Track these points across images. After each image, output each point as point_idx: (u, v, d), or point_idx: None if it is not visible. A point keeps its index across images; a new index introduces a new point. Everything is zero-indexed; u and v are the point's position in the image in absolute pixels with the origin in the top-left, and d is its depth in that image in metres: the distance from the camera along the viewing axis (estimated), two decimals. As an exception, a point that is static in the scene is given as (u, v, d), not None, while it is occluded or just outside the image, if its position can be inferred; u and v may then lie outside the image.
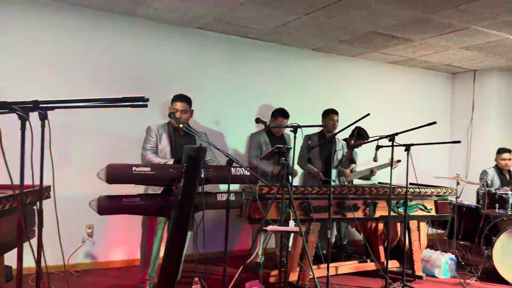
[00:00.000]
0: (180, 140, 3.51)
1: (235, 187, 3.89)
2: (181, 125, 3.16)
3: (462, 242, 4.87)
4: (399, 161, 4.33)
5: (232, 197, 3.25)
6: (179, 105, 3.48)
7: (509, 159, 5.06)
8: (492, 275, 4.20)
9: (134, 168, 2.83)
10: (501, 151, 5.12)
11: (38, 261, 1.88)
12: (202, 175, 3.01)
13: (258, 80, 5.07)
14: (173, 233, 2.85)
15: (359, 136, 4.66)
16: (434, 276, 4.35)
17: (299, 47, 5.29)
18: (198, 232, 3.05)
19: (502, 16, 3.84)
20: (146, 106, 1.93)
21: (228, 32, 4.76)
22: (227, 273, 2.95)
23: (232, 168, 3.10)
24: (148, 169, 2.89)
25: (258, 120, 4.00)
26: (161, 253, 3.48)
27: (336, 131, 4.11)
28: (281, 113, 4.28)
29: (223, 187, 3.31)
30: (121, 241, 4.31)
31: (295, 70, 5.32)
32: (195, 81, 4.69)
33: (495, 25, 4.11)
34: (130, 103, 1.91)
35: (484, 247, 4.43)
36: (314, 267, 3.56)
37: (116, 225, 4.23)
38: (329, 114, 4.53)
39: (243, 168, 3.20)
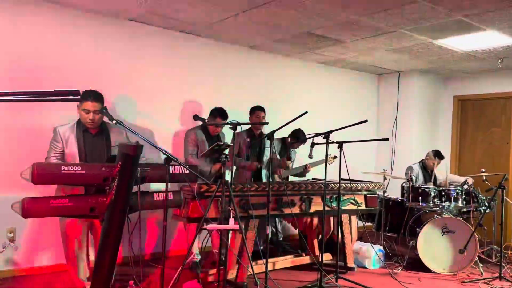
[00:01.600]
0: (91, 141, 3.21)
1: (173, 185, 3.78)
2: (113, 121, 2.97)
3: (389, 234, 5.16)
4: (335, 157, 4.48)
5: (170, 197, 3.16)
6: (90, 105, 3.09)
7: (438, 164, 5.41)
8: (417, 264, 4.50)
9: (63, 167, 2.64)
10: (438, 155, 5.37)
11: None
12: (138, 174, 2.89)
13: (193, 76, 4.96)
14: (107, 235, 2.71)
15: (296, 138, 4.80)
16: (364, 267, 4.57)
17: (236, 44, 5.27)
18: (134, 233, 2.91)
19: (425, 21, 4.11)
20: (78, 100, 1.81)
21: (162, 25, 4.61)
22: (165, 274, 2.86)
23: (170, 166, 3.01)
24: (78, 168, 2.70)
25: (196, 117, 3.92)
26: (91, 256, 3.32)
27: (266, 128, 4.16)
28: (220, 114, 4.21)
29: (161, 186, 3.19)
30: (47, 245, 4.00)
31: (232, 67, 5.30)
32: (126, 75, 4.47)
33: (419, 29, 4.39)
34: (61, 97, 1.76)
35: (409, 238, 4.74)
36: (253, 263, 3.57)
37: (41, 229, 3.93)
38: (255, 112, 4.57)
39: (181, 166, 3.12)
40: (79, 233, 3.20)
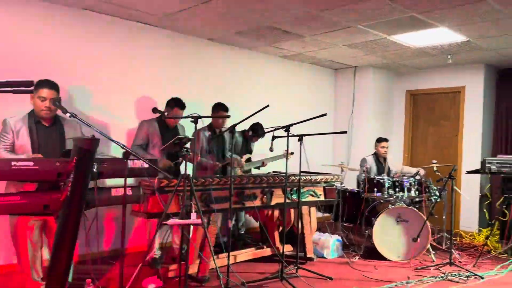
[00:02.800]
0: (44, 133, 3.10)
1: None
2: (68, 114, 2.84)
3: (346, 224, 5.32)
4: (292, 153, 4.53)
5: (129, 192, 3.07)
6: (46, 93, 3.03)
7: (387, 147, 5.64)
8: (373, 252, 4.66)
9: (13, 163, 2.49)
10: (380, 140, 5.67)
11: None
12: (95, 169, 2.78)
13: (151, 68, 4.84)
14: (62, 233, 2.59)
15: (255, 132, 4.82)
16: (323, 257, 4.68)
17: (196, 36, 5.18)
18: (91, 230, 2.81)
19: (381, 17, 4.23)
20: (31, 92, 1.72)
21: (119, 15, 4.45)
22: (124, 271, 2.79)
23: (129, 161, 2.92)
24: (30, 163, 2.55)
25: (155, 110, 3.83)
26: (44, 256, 3.17)
27: (228, 125, 4.13)
28: (177, 104, 4.14)
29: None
30: (-5, 246, 3.79)
31: (192, 59, 5.21)
32: (81, 66, 4.29)
33: (375, 26, 4.51)
34: (13, 88, 1.66)
35: (365, 228, 4.89)
36: (214, 257, 3.55)
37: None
38: (219, 111, 4.52)
39: (140, 161, 3.03)
40: (31, 233, 3.05)
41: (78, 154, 2.59)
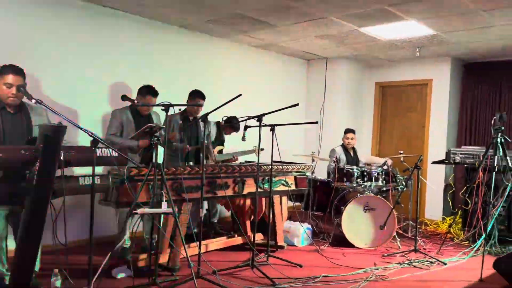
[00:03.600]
0: (10, 120, 2.99)
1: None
2: (33, 100, 2.75)
3: (316, 213, 5.41)
4: (262, 149, 4.54)
5: (97, 181, 3.01)
6: (12, 79, 2.91)
7: (352, 139, 5.74)
8: (342, 240, 4.77)
9: (-25, 151, 2.40)
10: (346, 131, 5.77)
11: None
12: (62, 157, 2.72)
13: (120, 55, 4.72)
14: (28, 223, 2.53)
15: (231, 127, 4.82)
16: (293, 245, 4.75)
17: (166, 23, 5.09)
18: (58, 220, 2.75)
19: (353, 9, 4.28)
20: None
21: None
22: (93, 261, 2.75)
23: (97, 149, 2.86)
24: (-6, 151, 2.48)
25: (124, 98, 3.75)
26: (10, 246, 3.08)
27: (202, 113, 4.11)
28: (149, 91, 4.08)
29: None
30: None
31: (162, 47, 5.12)
32: (44, 53, 4.14)
33: (347, 17, 4.56)
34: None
35: (334, 216, 4.99)
36: (186, 246, 3.54)
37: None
38: (195, 98, 4.48)
39: (109, 149, 2.98)
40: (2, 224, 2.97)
41: (44, 142, 2.53)
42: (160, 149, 3.08)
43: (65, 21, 4.25)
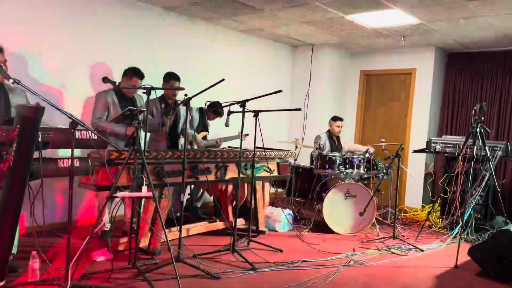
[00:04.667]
0: None
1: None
2: (11, 80, 2.69)
3: (298, 199, 5.46)
4: (247, 134, 4.54)
5: (77, 163, 2.98)
6: None
7: (341, 126, 5.77)
8: (322, 226, 4.84)
9: (-51, 131, 2.35)
10: (336, 118, 5.79)
11: None
12: (40, 139, 2.68)
13: (104, 36, 4.63)
14: (5, 205, 2.50)
15: (215, 112, 4.80)
16: (275, 231, 4.80)
17: (149, 4, 4.99)
18: (36, 202, 2.71)
19: (339, -4, 4.27)
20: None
21: (68, -23, 4.21)
22: (72, 244, 2.73)
23: (76, 131, 2.82)
24: (-32, 131, 2.42)
25: (105, 80, 3.68)
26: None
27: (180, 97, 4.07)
28: (135, 73, 4.02)
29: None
30: None
31: (146, 28, 5.02)
32: (29, 33, 4.04)
33: (333, 4, 4.54)
34: None
35: (316, 203, 5.04)
36: (166, 230, 3.55)
37: None
38: (170, 81, 4.43)
39: (89, 131, 2.94)
40: None
41: (22, 123, 2.49)
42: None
43: (46, 3, 4.14)
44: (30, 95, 3.08)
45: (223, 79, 3.31)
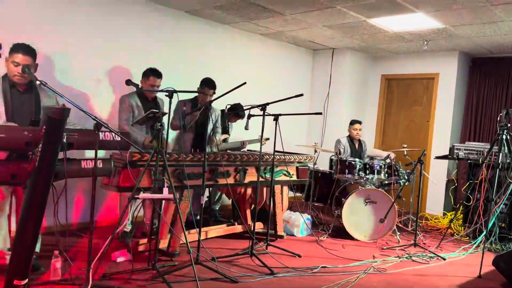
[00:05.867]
0: (19, 98, 2.99)
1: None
2: (37, 82, 2.74)
3: (316, 204, 5.41)
4: (267, 139, 4.52)
5: (100, 165, 3.02)
6: (20, 58, 2.90)
7: (360, 130, 5.72)
8: (341, 232, 4.78)
9: (-22, 131, 2.41)
10: (353, 122, 5.74)
11: None
12: (65, 140, 2.72)
13: (127, 40, 4.69)
14: (30, 204, 2.54)
15: (234, 112, 4.78)
16: (293, 235, 4.76)
17: (173, 8, 5.04)
18: (60, 202, 2.76)
19: None
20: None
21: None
22: (93, 244, 2.77)
23: (100, 133, 2.86)
24: (-3, 131, 2.48)
25: (128, 82, 3.74)
26: (12, 226, 3.10)
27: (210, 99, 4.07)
28: (153, 72, 4.04)
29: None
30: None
31: (169, 32, 5.07)
32: (53, 36, 4.12)
33: (355, 7, 4.51)
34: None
35: (335, 208, 5.00)
36: (186, 232, 3.56)
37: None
38: (204, 87, 4.40)
39: (112, 133, 2.98)
40: (1, 197, 2.97)
41: (48, 124, 2.53)
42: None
43: (69, 4, 4.22)
44: (59, 98, 3.14)
45: (245, 83, 3.31)
